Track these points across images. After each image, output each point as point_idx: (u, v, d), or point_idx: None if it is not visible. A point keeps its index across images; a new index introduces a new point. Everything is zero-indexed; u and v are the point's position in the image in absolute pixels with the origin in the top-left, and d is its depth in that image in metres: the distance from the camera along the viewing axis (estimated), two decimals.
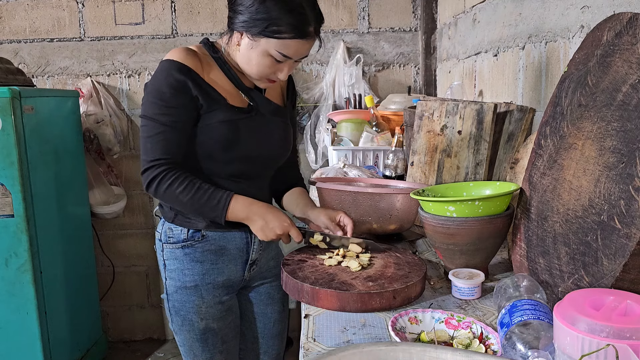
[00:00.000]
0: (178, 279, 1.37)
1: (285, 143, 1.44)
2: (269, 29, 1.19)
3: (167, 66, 1.24)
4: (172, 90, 1.23)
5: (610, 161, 0.86)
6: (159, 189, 1.24)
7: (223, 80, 1.31)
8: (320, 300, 1.07)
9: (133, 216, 3.02)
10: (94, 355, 2.75)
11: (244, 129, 1.31)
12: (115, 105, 2.86)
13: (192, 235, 1.36)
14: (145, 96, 1.27)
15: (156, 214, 1.45)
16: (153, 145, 1.24)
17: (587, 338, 0.63)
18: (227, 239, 1.38)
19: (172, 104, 1.23)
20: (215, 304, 1.39)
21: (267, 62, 1.24)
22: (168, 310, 1.41)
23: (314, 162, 2.74)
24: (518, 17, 1.67)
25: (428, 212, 1.19)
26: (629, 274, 0.78)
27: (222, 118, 1.28)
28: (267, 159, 1.41)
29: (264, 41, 1.21)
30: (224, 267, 1.39)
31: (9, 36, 2.86)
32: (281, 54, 1.22)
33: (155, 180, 1.24)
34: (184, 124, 1.25)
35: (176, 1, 2.83)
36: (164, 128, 1.23)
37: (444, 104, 1.59)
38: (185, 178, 1.25)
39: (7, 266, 2.15)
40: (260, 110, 1.35)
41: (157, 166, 1.24)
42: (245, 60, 1.27)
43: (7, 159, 2.08)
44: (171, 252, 1.37)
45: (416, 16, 2.85)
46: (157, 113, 1.23)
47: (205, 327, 1.38)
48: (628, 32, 0.90)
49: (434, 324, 0.98)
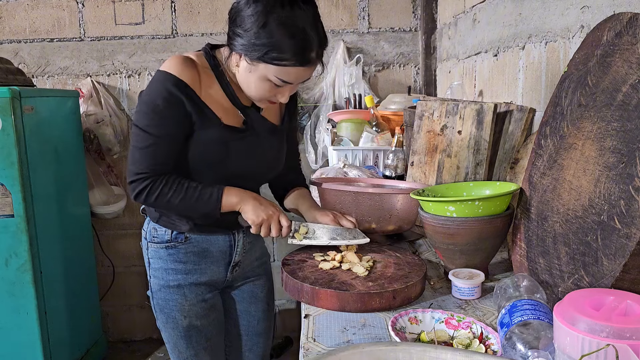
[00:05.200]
0: (162, 278, 1.39)
1: (276, 163, 1.43)
2: (268, 55, 1.13)
3: (163, 78, 1.21)
4: (165, 103, 1.21)
5: (610, 161, 0.86)
6: (149, 199, 1.25)
7: (220, 96, 1.28)
8: (320, 300, 1.07)
9: (133, 216, 3.02)
10: (94, 355, 2.75)
11: (234, 150, 1.29)
12: (115, 105, 2.86)
13: (175, 237, 1.36)
14: (138, 105, 1.25)
15: (142, 212, 1.45)
16: (142, 157, 1.23)
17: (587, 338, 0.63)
18: (210, 242, 1.39)
19: (165, 116, 1.21)
20: (198, 302, 1.39)
21: (266, 87, 1.21)
22: (153, 307, 1.44)
23: (314, 162, 2.74)
24: (518, 17, 1.67)
25: (428, 212, 1.19)
26: (629, 274, 0.78)
27: (214, 137, 1.26)
28: (253, 177, 1.41)
29: (263, 66, 1.16)
30: (206, 268, 1.40)
31: (9, 36, 2.85)
32: (281, 79, 1.18)
33: (143, 193, 1.24)
34: (175, 136, 1.24)
35: (176, 1, 2.83)
36: (154, 140, 1.22)
37: (444, 104, 1.59)
38: (174, 181, 1.25)
39: (7, 266, 2.14)
40: (255, 129, 1.33)
41: (143, 179, 1.23)
42: (244, 82, 1.23)
43: (7, 159, 2.08)
44: (155, 252, 1.39)
45: (416, 16, 2.85)
46: (148, 125, 1.22)
47: (189, 324, 1.39)
48: (628, 32, 0.90)
49: (434, 324, 0.98)
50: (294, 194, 1.49)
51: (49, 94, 2.43)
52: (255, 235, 1.49)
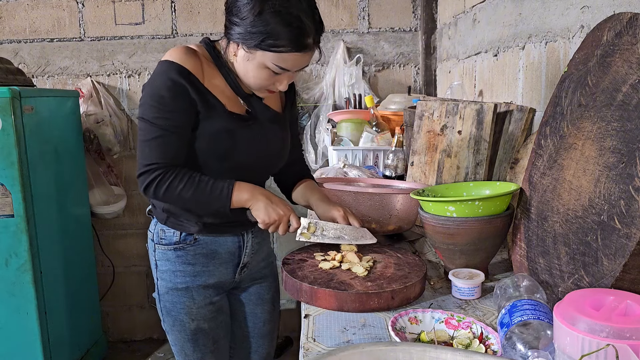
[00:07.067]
0: (169, 280, 1.37)
1: (282, 151, 1.42)
2: (265, 42, 1.14)
3: (166, 68, 1.21)
4: (170, 93, 1.20)
5: (610, 161, 0.86)
6: (158, 192, 1.22)
7: (222, 85, 1.28)
8: (319, 299, 1.07)
9: (133, 216, 3.02)
10: (94, 355, 2.75)
11: (241, 138, 1.28)
12: (115, 105, 2.86)
13: (184, 239, 1.35)
14: (143, 98, 1.24)
15: (148, 213, 1.43)
16: (151, 149, 1.21)
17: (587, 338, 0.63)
18: (219, 243, 1.38)
19: (171, 107, 1.20)
20: (206, 305, 1.38)
21: (265, 75, 1.21)
22: (160, 310, 1.42)
23: (314, 162, 2.74)
24: (518, 17, 1.67)
25: (428, 212, 1.19)
26: (629, 274, 0.78)
27: (220, 126, 1.25)
28: (262, 168, 1.40)
29: (260, 54, 1.17)
30: (215, 269, 1.39)
31: (9, 36, 2.86)
32: (278, 66, 1.18)
33: (152, 184, 1.21)
34: (183, 127, 1.23)
35: (176, 1, 2.83)
36: (162, 132, 1.20)
37: (444, 104, 1.59)
38: (185, 174, 1.22)
39: (7, 266, 2.14)
40: (259, 117, 1.32)
41: (152, 170, 1.21)
42: (243, 71, 1.23)
43: (7, 159, 2.08)
44: (163, 253, 1.37)
45: (416, 16, 2.85)
46: (155, 117, 1.20)
47: (197, 327, 1.38)
48: (628, 32, 0.90)
49: (434, 324, 0.98)
50: (302, 186, 1.47)
51: (49, 94, 2.44)
52: (263, 236, 1.50)
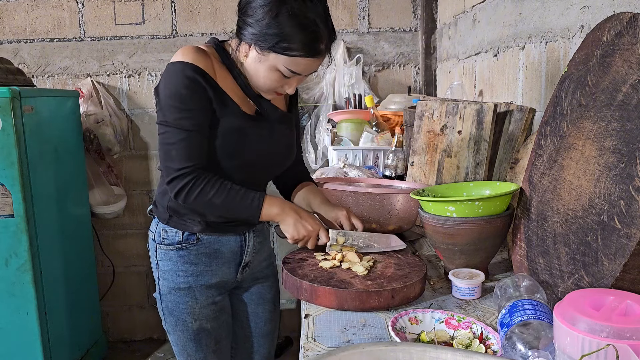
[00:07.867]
0: (172, 280, 1.37)
1: (290, 150, 1.42)
2: (279, 45, 1.14)
3: (180, 67, 1.20)
4: (189, 91, 1.19)
5: (610, 161, 0.86)
6: (189, 197, 1.21)
7: (233, 85, 1.28)
8: (319, 297, 1.07)
9: (133, 216, 3.02)
10: (94, 355, 2.75)
11: (251, 138, 1.28)
12: (115, 105, 2.86)
13: (187, 238, 1.35)
14: (161, 101, 1.22)
15: (149, 213, 1.43)
16: (178, 152, 1.20)
17: (587, 338, 0.63)
18: (221, 243, 1.38)
19: (191, 105, 1.19)
20: (208, 305, 1.38)
21: (275, 77, 1.21)
22: (161, 310, 1.41)
23: (314, 162, 2.74)
24: (518, 17, 1.67)
25: (428, 212, 1.19)
26: (629, 274, 0.78)
27: (232, 125, 1.25)
28: (270, 167, 1.40)
29: (273, 56, 1.17)
30: (217, 269, 1.39)
31: (9, 36, 2.85)
32: (290, 70, 1.18)
33: (185, 189, 1.20)
34: (204, 126, 1.22)
35: (176, 1, 2.83)
36: (186, 133, 1.19)
37: (444, 104, 1.59)
38: (216, 181, 1.22)
39: (7, 266, 2.14)
40: (269, 117, 1.33)
41: (185, 175, 1.20)
42: (253, 72, 1.23)
43: (7, 159, 2.08)
44: (165, 253, 1.37)
45: (416, 16, 2.85)
46: (177, 117, 1.19)
47: (199, 327, 1.38)
48: (628, 32, 0.90)
49: (434, 324, 0.98)
50: (303, 190, 1.47)
51: (49, 94, 2.44)
52: (264, 235, 1.50)
